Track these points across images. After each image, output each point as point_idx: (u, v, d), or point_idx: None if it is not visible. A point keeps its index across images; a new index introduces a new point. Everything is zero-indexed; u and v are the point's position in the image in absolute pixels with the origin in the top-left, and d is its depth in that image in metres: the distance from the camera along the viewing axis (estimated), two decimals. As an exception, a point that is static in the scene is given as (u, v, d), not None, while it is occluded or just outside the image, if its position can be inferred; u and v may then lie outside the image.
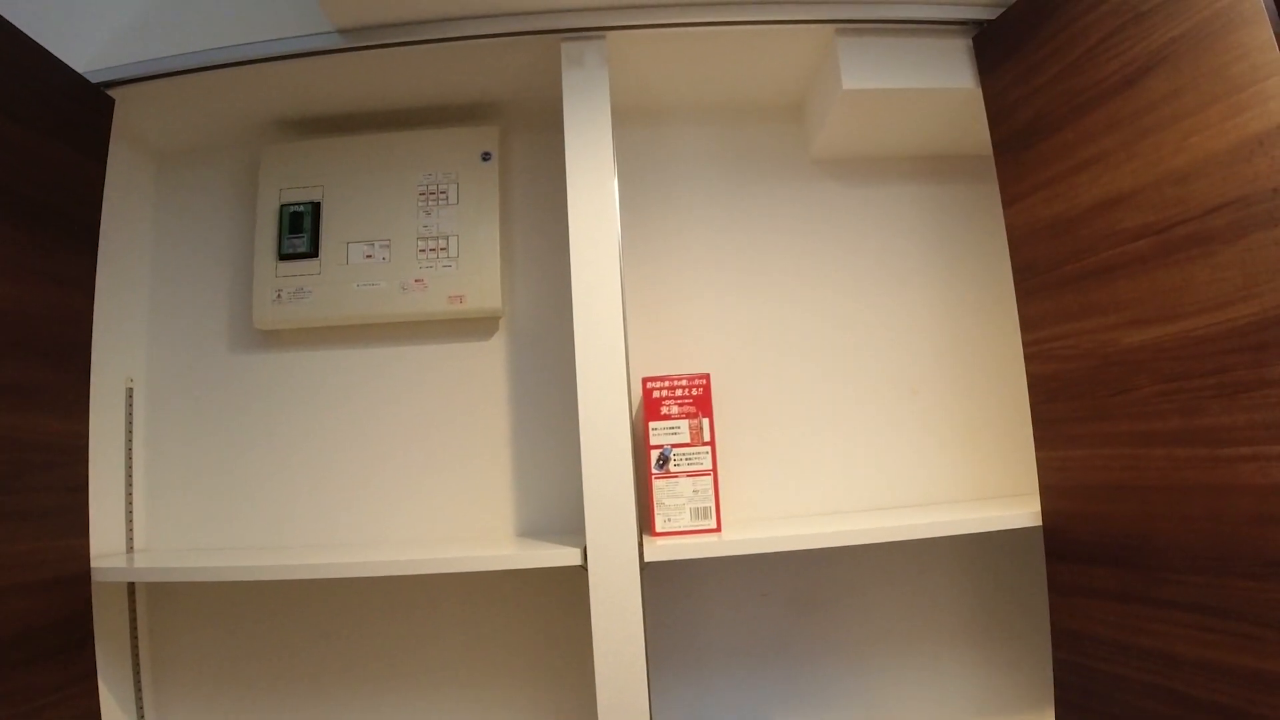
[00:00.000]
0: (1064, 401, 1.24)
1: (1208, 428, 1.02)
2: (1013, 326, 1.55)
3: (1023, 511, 1.34)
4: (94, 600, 1.35)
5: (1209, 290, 1.01)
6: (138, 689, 1.53)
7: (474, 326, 1.61)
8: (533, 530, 1.57)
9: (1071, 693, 1.25)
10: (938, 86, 1.43)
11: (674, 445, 1.36)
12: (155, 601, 1.59)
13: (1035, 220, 1.29)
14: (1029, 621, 1.59)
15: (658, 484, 1.35)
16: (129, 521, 1.54)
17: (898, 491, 1.59)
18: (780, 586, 1.57)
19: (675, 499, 1.35)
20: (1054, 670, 1.28)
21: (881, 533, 1.32)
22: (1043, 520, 1.30)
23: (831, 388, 1.61)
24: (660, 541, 1.30)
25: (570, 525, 1.55)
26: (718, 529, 1.36)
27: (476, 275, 1.53)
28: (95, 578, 1.35)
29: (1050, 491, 1.29)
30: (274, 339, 1.62)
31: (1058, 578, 1.28)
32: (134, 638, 1.54)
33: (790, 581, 1.57)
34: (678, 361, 1.59)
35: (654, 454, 1.36)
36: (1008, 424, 1.60)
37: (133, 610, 1.54)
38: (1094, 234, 1.18)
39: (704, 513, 1.35)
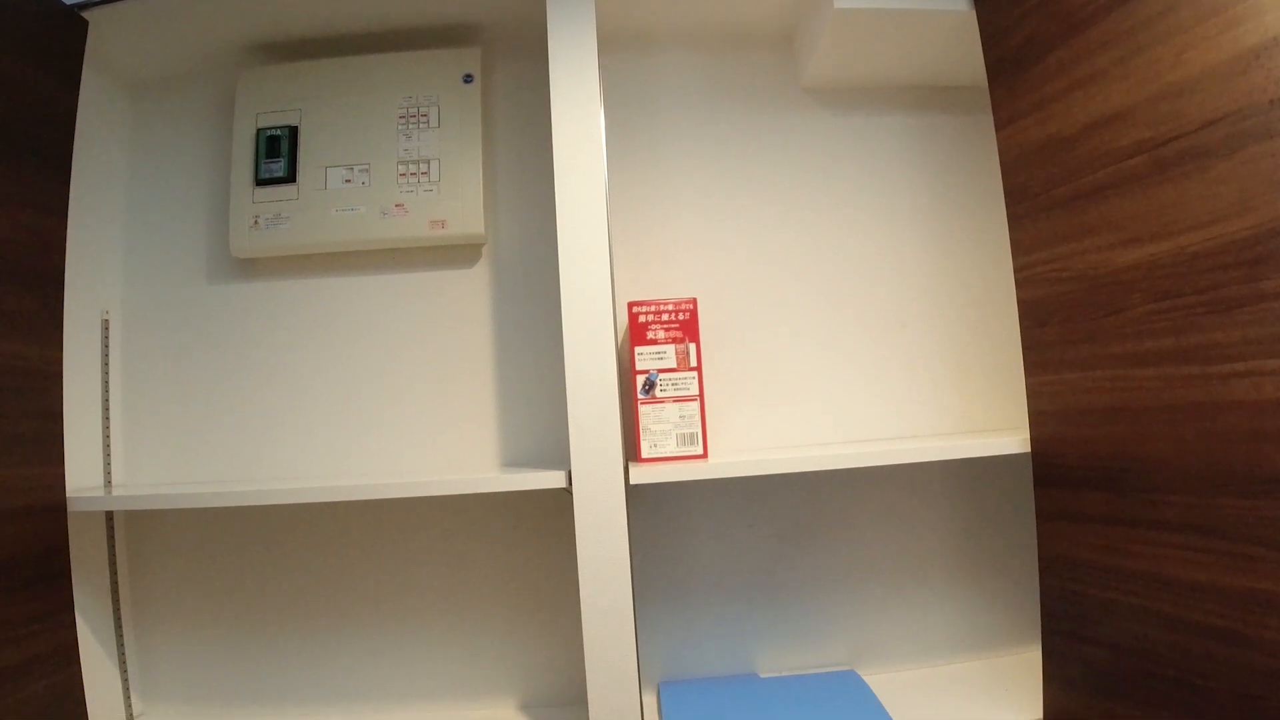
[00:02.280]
0: (1055, 325, 1.23)
1: (1201, 345, 1.01)
2: (1003, 261, 1.55)
3: (1011, 438, 1.33)
4: (71, 532, 1.34)
5: (1204, 206, 1.00)
6: (117, 622, 1.52)
7: (456, 254, 1.58)
8: (517, 462, 1.56)
9: (1059, 619, 1.25)
10: (931, 8, 1.40)
11: (660, 370, 1.34)
12: (134, 533, 1.57)
13: (1028, 142, 1.26)
14: (1017, 554, 1.60)
15: (643, 409, 1.34)
16: (106, 457, 1.52)
17: (886, 425, 1.58)
18: (767, 517, 1.57)
19: (661, 424, 1.33)
20: (1041, 596, 1.28)
21: (869, 456, 1.31)
22: (1031, 446, 1.29)
23: (819, 319, 1.59)
24: (646, 466, 1.29)
25: (555, 457, 1.54)
26: (704, 455, 1.35)
27: (458, 200, 1.49)
28: (72, 508, 1.33)
29: (1039, 417, 1.28)
30: (252, 268, 1.58)
31: (1046, 504, 1.27)
32: (113, 571, 1.52)
33: (777, 512, 1.57)
34: (664, 288, 1.57)
35: (640, 379, 1.34)
36: (997, 359, 1.60)
37: (111, 543, 1.53)
38: (1088, 154, 1.15)
39: (690, 439, 1.34)
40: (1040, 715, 1.32)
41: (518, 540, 1.56)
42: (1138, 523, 1.10)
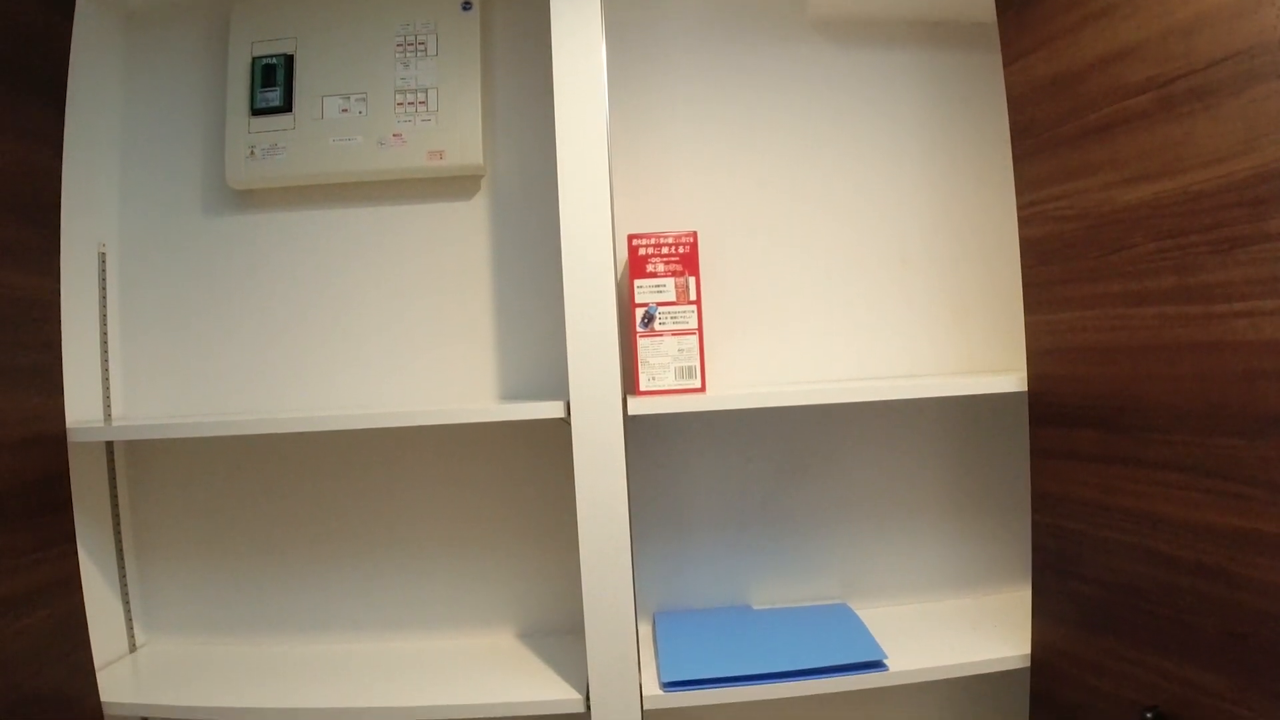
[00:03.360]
0: (1057, 264, 1.22)
1: (1202, 285, 1.00)
2: (1007, 200, 1.53)
3: (1009, 377, 1.34)
4: (72, 463, 1.34)
5: (1210, 144, 0.98)
6: (119, 553, 1.54)
7: (455, 185, 1.56)
8: (516, 395, 1.56)
9: (1049, 556, 1.27)
10: (941, -61, 1.37)
11: (659, 304, 1.34)
12: (135, 465, 1.58)
13: (1036, 78, 1.24)
14: (1010, 494, 1.61)
15: (642, 343, 1.34)
16: (106, 391, 1.52)
17: (884, 364, 1.59)
18: (764, 452, 1.58)
19: (660, 358, 1.34)
20: (1032, 534, 1.30)
21: (866, 391, 1.32)
22: (1028, 385, 1.30)
23: (820, 255, 1.58)
24: (644, 398, 1.30)
25: (554, 390, 1.54)
26: (702, 389, 1.35)
27: (457, 130, 1.47)
28: (72, 439, 1.34)
29: (1037, 356, 1.28)
30: (249, 199, 1.57)
31: (1040, 442, 1.28)
32: (114, 502, 1.53)
33: (774, 447, 1.58)
34: (664, 221, 1.55)
35: (639, 312, 1.34)
36: (997, 300, 1.59)
37: (112, 474, 1.54)
38: (1096, 90, 1.14)
39: (689, 372, 1.34)
40: (1028, 651, 1.34)
41: (516, 472, 1.57)
42: (1132, 461, 1.11)
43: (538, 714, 1.31)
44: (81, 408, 1.45)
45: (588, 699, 1.29)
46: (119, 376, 1.56)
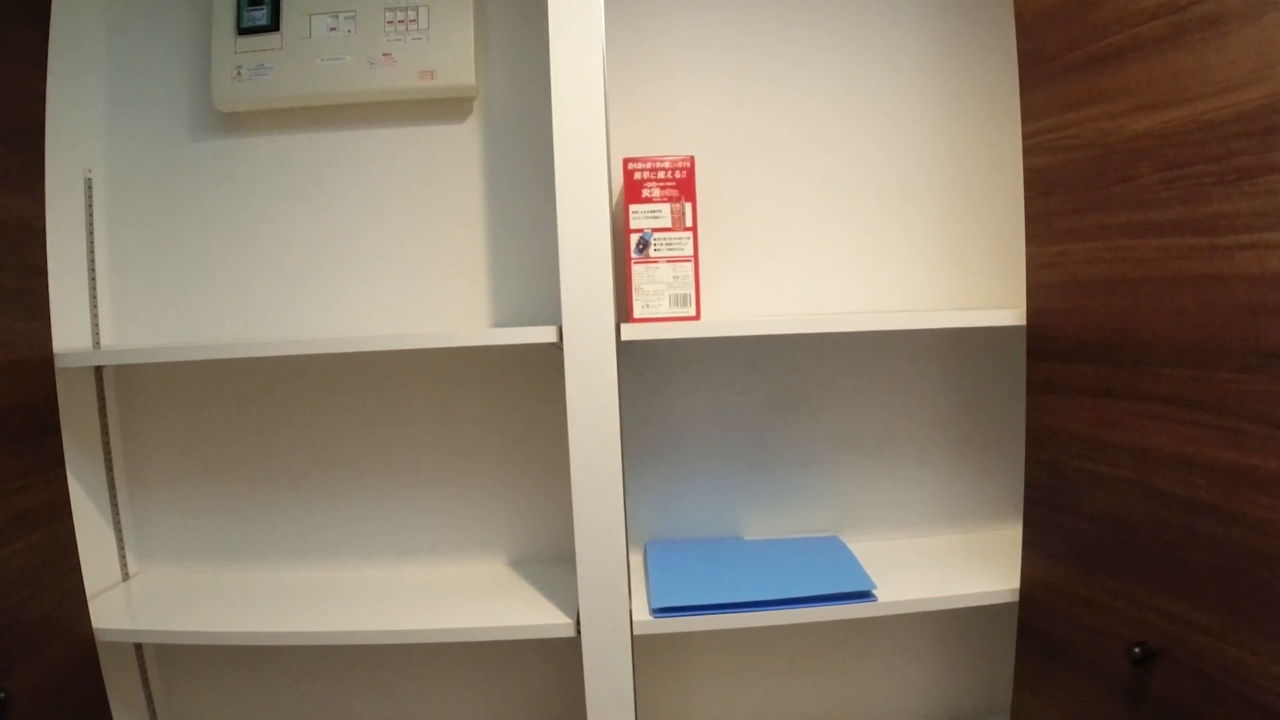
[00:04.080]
0: (1061, 195, 1.20)
1: (1208, 216, 0.98)
2: (1011, 134, 1.50)
3: (1007, 311, 1.32)
4: (61, 390, 1.33)
5: (1221, 73, 0.95)
6: (110, 481, 1.54)
7: (446, 108, 1.52)
8: (509, 322, 1.55)
9: (1042, 490, 1.26)
10: None
11: (655, 230, 1.32)
12: (124, 392, 1.57)
13: (1047, 3, 1.20)
14: (1005, 432, 1.61)
15: (637, 269, 1.32)
16: (94, 319, 1.50)
17: (883, 298, 1.57)
18: (758, 385, 1.57)
19: (654, 285, 1.32)
20: (1025, 468, 1.29)
21: (862, 321, 1.31)
22: (1027, 319, 1.28)
23: (820, 187, 1.55)
24: (638, 325, 1.29)
25: (547, 318, 1.53)
26: (696, 317, 1.34)
27: (448, 49, 1.43)
28: (60, 364, 1.32)
29: (1037, 289, 1.26)
30: (236, 122, 1.53)
31: (1037, 376, 1.27)
32: (104, 430, 1.53)
33: (768, 380, 1.57)
34: (661, 146, 1.52)
35: (633, 238, 1.32)
36: (997, 236, 1.57)
37: (102, 401, 1.53)
38: (1108, 15, 1.10)
39: (683, 300, 1.32)
40: (1018, 585, 1.35)
41: (510, 400, 1.56)
42: (1129, 395, 1.10)
43: (529, 638, 1.33)
44: (70, 336, 1.44)
45: (578, 624, 1.30)
46: (107, 305, 1.54)
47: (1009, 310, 1.33)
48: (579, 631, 1.30)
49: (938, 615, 1.66)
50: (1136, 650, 1.06)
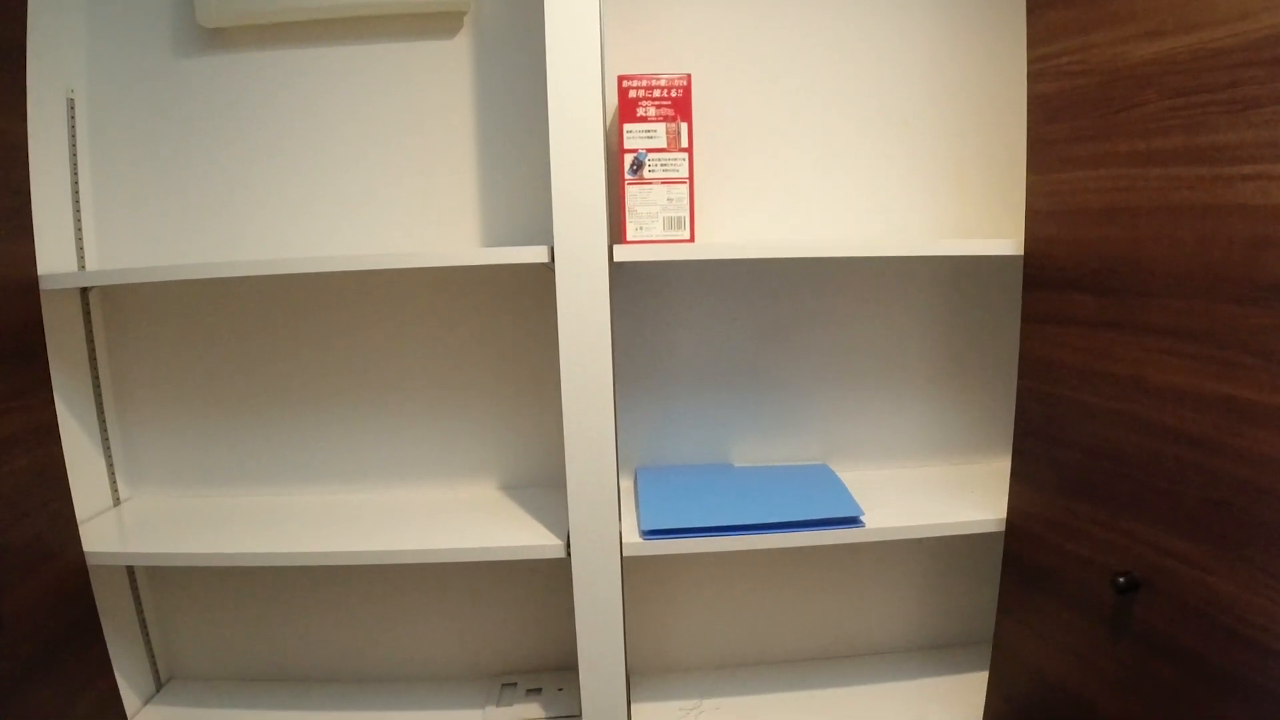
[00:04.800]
0: (1064, 121, 1.18)
1: (1212, 146, 0.96)
2: (1016, 62, 1.48)
3: (1005, 240, 1.31)
4: (46, 312, 1.32)
5: (1230, 0, 0.93)
6: (99, 405, 1.53)
7: (436, 22, 1.48)
8: (499, 240, 1.53)
9: (1033, 420, 1.27)
10: None
11: (649, 150, 1.29)
12: (111, 315, 1.55)
13: (1055, -76, 1.17)
14: (997, 364, 1.62)
15: (630, 191, 1.30)
16: (79, 242, 1.47)
17: (879, 227, 1.55)
18: (750, 312, 1.56)
19: (648, 206, 1.30)
20: (1017, 398, 1.30)
21: (858, 246, 1.30)
22: (1025, 247, 1.27)
23: (819, 110, 1.52)
24: (631, 246, 1.27)
25: (538, 241, 1.51)
26: (691, 241, 1.32)
27: (439, -40, 1.39)
28: (45, 285, 1.31)
29: (1036, 217, 1.25)
30: (221, 38, 1.48)
31: (1033, 306, 1.26)
32: (91, 353, 1.51)
33: (761, 308, 1.56)
34: (657, 64, 1.48)
35: (628, 159, 1.29)
36: (999, 166, 1.55)
37: (88, 324, 1.51)
38: (1117, -63, 1.07)
39: (678, 223, 1.30)
40: (1004, 515, 1.36)
41: (500, 322, 1.55)
42: (1125, 326, 1.09)
43: (519, 559, 1.34)
44: (54, 259, 1.41)
45: (568, 545, 1.31)
46: (91, 227, 1.51)
47: (1006, 240, 1.31)
48: (569, 553, 1.31)
49: (923, 544, 1.68)
50: (1120, 580, 1.08)
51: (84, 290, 1.51)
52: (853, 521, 1.35)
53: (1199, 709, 1.00)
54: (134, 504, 1.58)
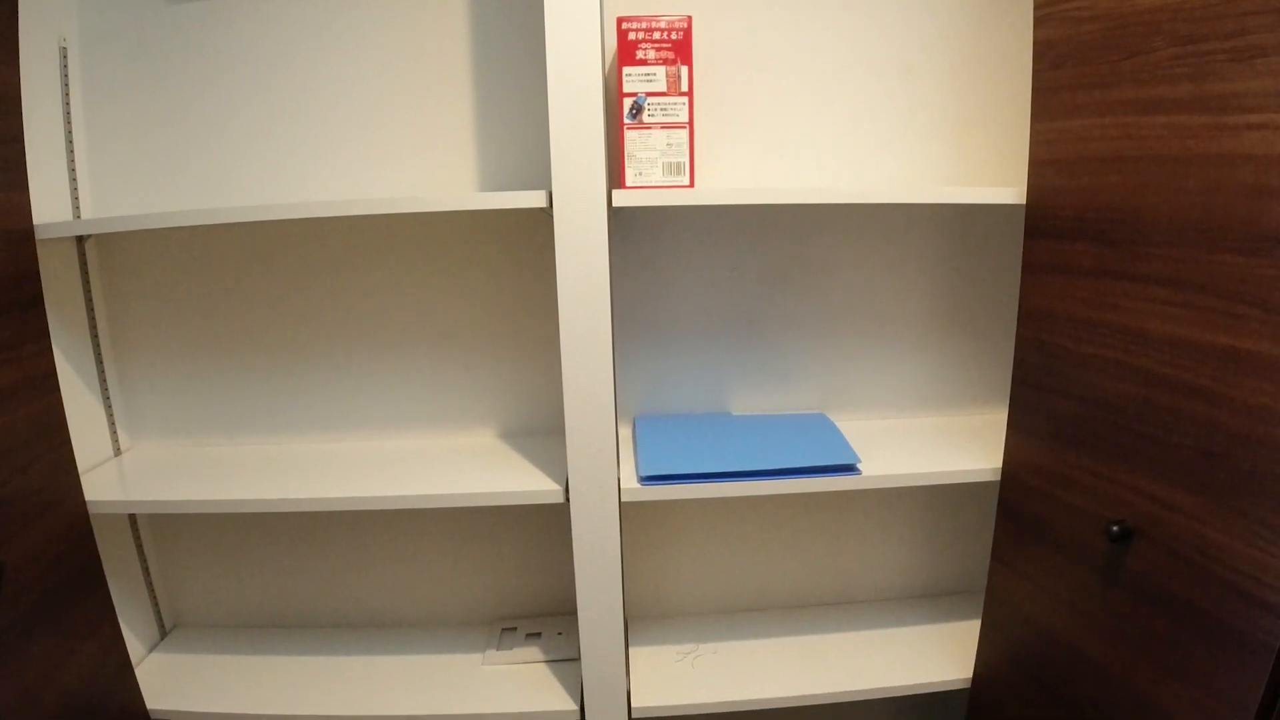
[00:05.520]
0: (1070, 68, 1.16)
1: (1218, 94, 0.95)
2: (1021, 6, 1.45)
3: (1007, 189, 1.30)
4: (43, 264, 1.31)
5: (1240, -55, 0.91)
6: (97, 355, 1.53)
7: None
8: (496, 187, 1.51)
9: (1031, 371, 1.27)
10: None
11: (649, 94, 1.27)
12: (107, 264, 1.54)
13: None
14: (996, 316, 1.62)
15: (629, 135, 1.28)
16: (74, 192, 1.46)
17: (880, 176, 1.54)
18: (750, 261, 1.56)
19: (648, 152, 1.28)
20: (1015, 349, 1.30)
21: (858, 193, 1.28)
22: (1027, 196, 1.26)
23: (821, 56, 1.49)
24: (630, 191, 1.26)
25: (536, 183, 1.50)
26: (690, 187, 1.31)
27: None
28: (40, 235, 1.30)
29: (1040, 166, 1.24)
30: (213, -18, 1.46)
31: (1034, 256, 1.25)
32: (89, 303, 1.51)
33: (761, 257, 1.56)
34: (656, 6, 1.44)
35: (627, 102, 1.28)
36: (1003, 113, 1.53)
37: (85, 273, 1.50)
38: (1127, -123, 1.05)
39: (677, 168, 1.29)
40: (1000, 465, 1.37)
41: (499, 269, 1.55)
42: (1125, 276, 1.09)
43: (518, 504, 1.35)
44: (49, 210, 1.40)
45: (567, 491, 1.32)
46: (86, 175, 1.49)
47: (1008, 188, 1.30)
48: (568, 498, 1.32)
49: (919, 493, 1.70)
50: (1114, 528, 1.08)
51: (80, 240, 1.49)
52: (849, 469, 1.35)
53: (1189, 657, 1.01)
54: (135, 454, 1.58)
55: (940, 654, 1.54)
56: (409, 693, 1.48)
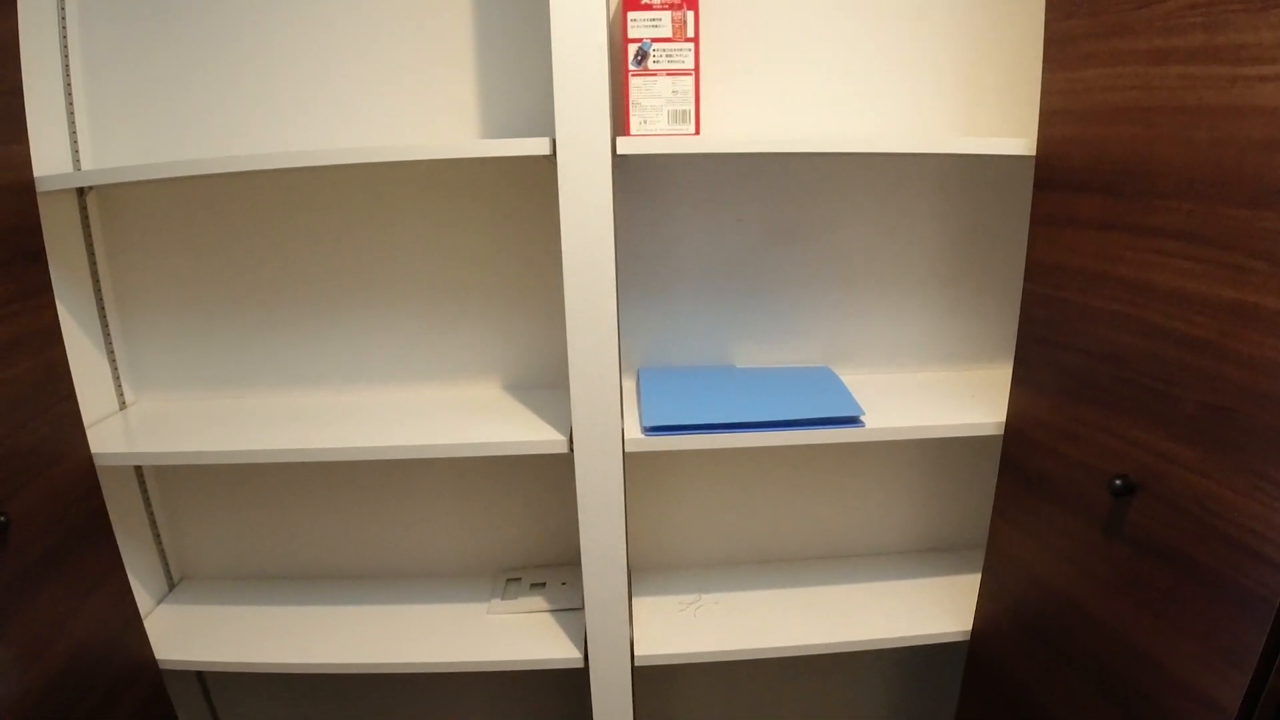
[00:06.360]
0: (1083, 18, 1.14)
1: (1231, 45, 0.93)
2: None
3: (1016, 140, 1.28)
4: (44, 214, 1.30)
5: (1256, -109, 0.88)
6: (100, 309, 1.53)
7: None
8: (500, 136, 1.49)
9: (1037, 325, 1.26)
10: None
11: (654, 40, 1.26)
12: (109, 216, 1.53)
13: None
14: (1002, 272, 1.60)
15: (634, 82, 1.27)
16: (74, 143, 1.44)
17: (889, 127, 1.51)
18: (756, 213, 1.54)
19: (653, 99, 1.27)
20: (1021, 302, 1.29)
21: (866, 141, 1.27)
22: (1037, 147, 1.24)
23: (830, 3, 1.45)
24: (635, 139, 1.25)
25: (541, 134, 1.48)
26: (696, 134, 1.29)
27: None
28: (41, 187, 1.28)
29: (1050, 117, 1.22)
30: (211, -74, 1.43)
31: (1042, 208, 1.24)
32: (91, 255, 1.50)
33: (766, 209, 1.54)
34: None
35: (631, 49, 1.26)
36: (1014, 62, 1.50)
37: (86, 225, 1.49)
38: None
39: (683, 116, 1.28)
40: (1004, 419, 1.37)
41: (502, 219, 1.53)
42: (1133, 229, 1.07)
43: (522, 454, 1.35)
44: (49, 162, 1.39)
45: (571, 441, 1.33)
46: (86, 126, 1.48)
47: (1018, 139, 1.28)
48: (572, 448, 1.33)
49: (922, 446, 1.70)
50: (1118, 482, 1.08)
51: (81, 192, 1.48)
52: (853, 421, 1.36)
53: (1190, 612, 1.01)
54: (140, 407, 1.59)
55: (940, 607, 1.56)
56: (414, 642, 1.50)
